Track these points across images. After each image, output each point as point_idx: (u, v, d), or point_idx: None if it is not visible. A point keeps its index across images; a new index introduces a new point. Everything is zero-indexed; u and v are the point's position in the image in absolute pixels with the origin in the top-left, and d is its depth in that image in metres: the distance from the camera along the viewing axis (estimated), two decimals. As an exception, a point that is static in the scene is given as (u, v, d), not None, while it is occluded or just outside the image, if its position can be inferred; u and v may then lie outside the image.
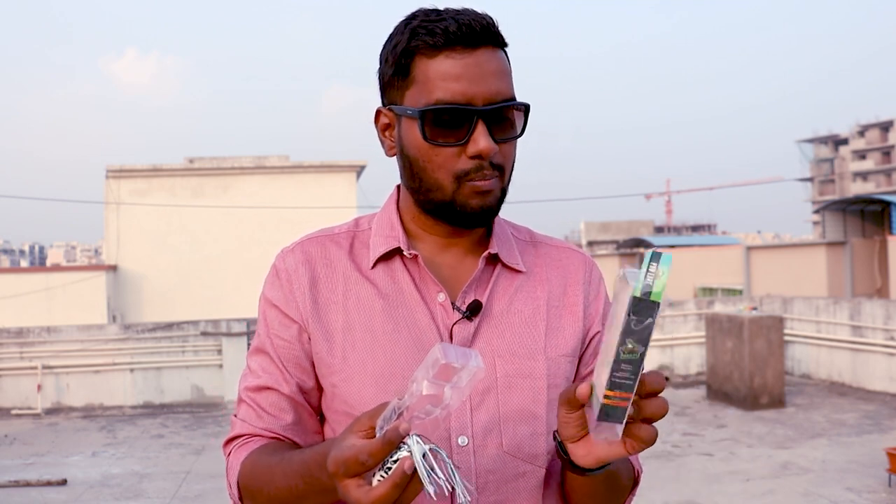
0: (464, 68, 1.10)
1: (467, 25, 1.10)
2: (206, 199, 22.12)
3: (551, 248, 1.30)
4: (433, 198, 1.15)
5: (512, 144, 1.16)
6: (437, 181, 1.13)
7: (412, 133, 1.14)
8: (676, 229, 78.74)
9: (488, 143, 1.10)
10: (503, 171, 1.15)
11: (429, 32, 1.10)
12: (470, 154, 1.11)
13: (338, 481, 0.90)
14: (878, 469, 7.04)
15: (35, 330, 11.85)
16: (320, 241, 1.25)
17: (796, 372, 12.44)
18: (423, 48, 1.11)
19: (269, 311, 1.22)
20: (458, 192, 1.13)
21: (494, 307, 1.20)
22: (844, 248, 19.66)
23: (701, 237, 46.19)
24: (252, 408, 1.21)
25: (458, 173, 1.12)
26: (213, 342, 11.93)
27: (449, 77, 1.10)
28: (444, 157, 1.12)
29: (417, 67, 1.12)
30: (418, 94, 1.12)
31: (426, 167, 1.14)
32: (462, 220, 1.16)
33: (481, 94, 1.10)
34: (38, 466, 8.24)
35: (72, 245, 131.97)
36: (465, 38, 1.10)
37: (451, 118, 1.10)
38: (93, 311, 19.12)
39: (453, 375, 0.86)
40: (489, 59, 1.11)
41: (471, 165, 1.11)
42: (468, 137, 1.10)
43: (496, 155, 1.12)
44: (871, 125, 75.75)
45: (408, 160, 1.16)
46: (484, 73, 1.10)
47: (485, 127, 1.10)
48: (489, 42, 1.12)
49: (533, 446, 1.17)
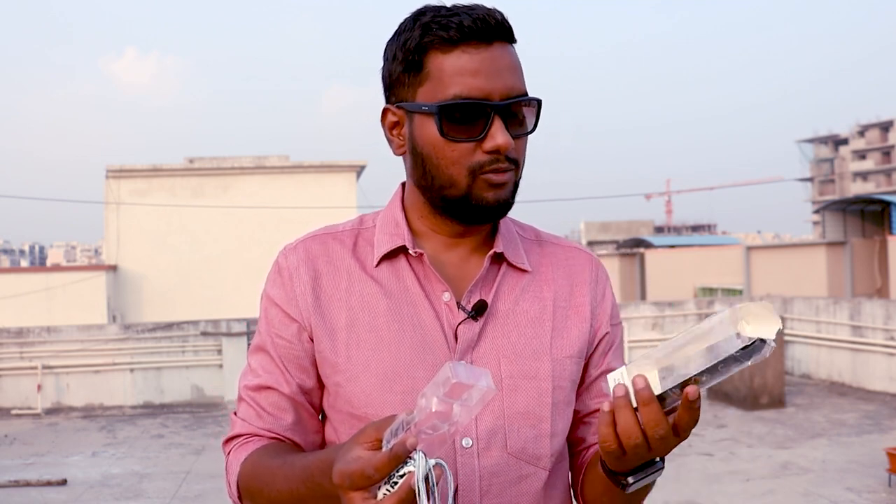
0: (480, 63, 1.09)
1: (482, 20, 1.09)
2: (206, 199, 22.11)
3: (557, 248, 1.29)
4: (447, 194, 1.14)
5: (525, 140, 1.15)
6: (451, 177, 1.13)
7: (426, 129, 1.12)
8: (676, 229, 78.71)
9: (506, 139, 1.09)
10: (518, 165, 1.15)
11: (443, 27, 1.09)
12: (487, 149, 1.10)
13: (342, 493, 0.90)
14: (878, 469, 7.04)
15: (35, 330, 11.84)
16: (323, 238, 1.23)
17: (796, 372, 12.44)
18: (438, 43, 1.10)
19: (270, 309, 1.21)
20: (474, 185, 1.12)
21: (500, 307, 1.18)
22: (844, 248, 19.65)
23: (701, 237, 46.17)
24: (252, 407, 1.20)
25: (474, 167, 1.11)
26: (213, 342, 11.93)
27: (466, 72, 1.09)
28: (460, 153, 1.11)
29: (431, 63, 1.11)
30: (433, 90, 1.11)
31: (440, 163, 1.13)
32: (477, 215, 1.15)
33: (497, 90, 1.09)
34: (38, 466, 8.23)
35: (72, 245, 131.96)
36: (480, 32, 1.09)
37: (467, 114, 1.10)
38: (93, 311, 19.11)
39: (463, 393, 0.86)
40: (503, 54, 1.11)
41: (486, 159, 1.11)
42: (485, 133, 1.10)
43: (511, 150, 1.12)
44: (871, 125, 75.72)
45: (420, 157, 1.15)
46: (499, 69, 1.10)
47: (501, 122, 1.10)
48: (502, 37, 1.12)
49: (537, 448, 1.16)
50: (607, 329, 1.25)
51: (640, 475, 1.01)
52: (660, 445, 0.94)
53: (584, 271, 1.26)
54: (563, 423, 1.19)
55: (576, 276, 1.26)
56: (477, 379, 0.86)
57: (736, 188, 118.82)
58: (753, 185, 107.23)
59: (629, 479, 1.02)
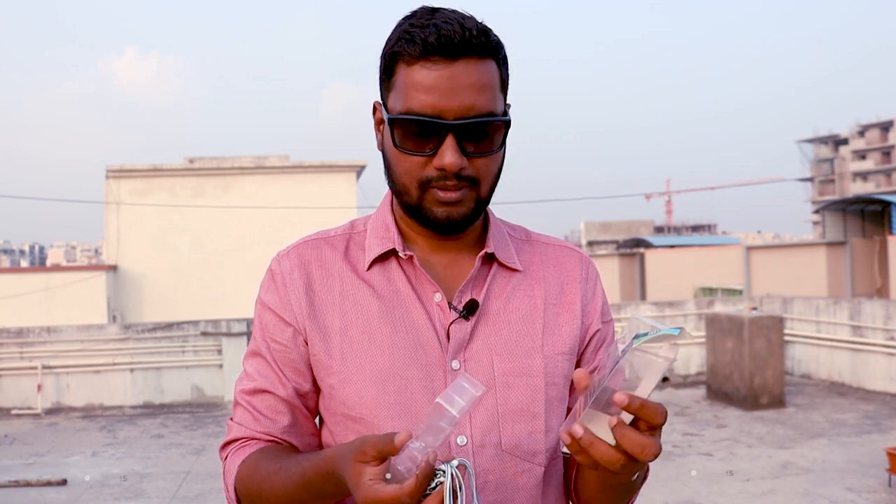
0: (437, 80, 1.07)
1: (447, 37, 1.07)
2: (206, 199, 22.10)
3: (548, 247, 1.30)
4: (404, 201, 1.17)
5: (490, 158, 1.13)
6: (404, 185, 1.14)
7: (388, 135, 1.14)
8: (676, 229, 78.73)
9: (453, 159, 1.08)
10: (478, 183, 1.14)
11: (409, 40, 1.09)
12: (435, 166, 1.11)
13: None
14: (878, 469, 7.04)
15: (35, 330, 11.85)
16: (316, 243, 1.25)
17: (796, 372, 12.44)
18: (405, 55, 1.10)
19: (264, 314, 1.23)
20: (423, 198, 1.14)
21: (491, 306, 1.20)
22: (844, 248, 19.66)
23: (701, 237, 46.18)
24: (248, 411, 1.22)
25: (423, 180, 1.12)
26: (213, 342, 11.93)
27: (420, 88, 1.08)
28: (411, 164, 1.12)
29: (398, 73, 1.12)
30: (395, 99, 1.12)
31: (395, 170, 1.15)
32: (430, 227, 1.17)
33: (452, 108, 1.08)
34: (38, 466, 8.24)
35: (72, 245, 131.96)
36: (443, 48, 1.07)
37: (420, 129, 1.10)
38: (93, 311, 19.11)
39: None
40: (468, 71, 1.08)
41: (435, 174, 1.12)
42: (436, 150, 1.10)
43: (466, 168, 1.11)
44: (871, 125, 75.72)
45: (385, 160, 1.18)
46: (458, 87, 1.08)
47: (454, 141, 1.09)
48: (471, 53, 1.08)
49: (532, 444, 1.17)
50: (598, 326, 1.26)
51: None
52: (642, 453, 0.93)
53: (574, 269, 1.28)
54: (557, 420, 1.20)
55: (566, 274, 1.27)
56: (468, 395, 0.93)
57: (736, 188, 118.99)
58: (753, 185, 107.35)
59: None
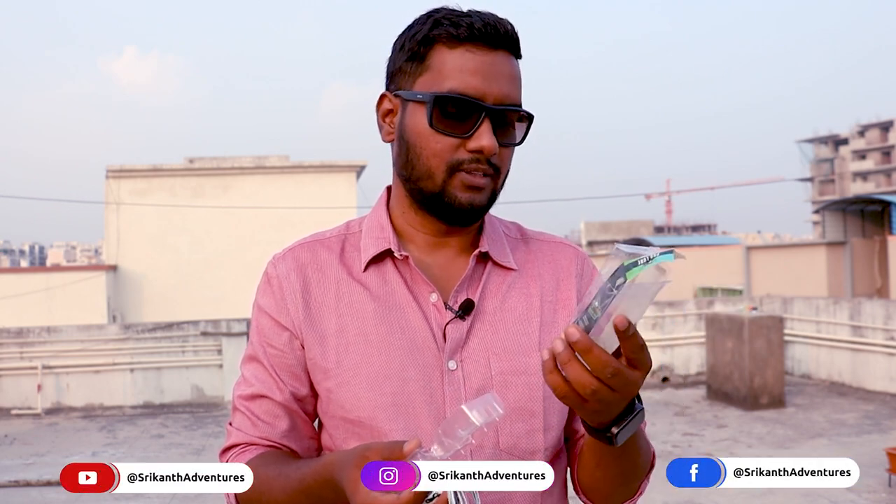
0: (481, 64, 1.12)
1: (492, 26, 1.13)
2: (206, 199, 22.10)
3: (542, 244, 1.30)
4: (423, 187, 1.16)
5: (511, 150, 1.17)
6: (429, 169, 1.14)
7: (416, 118, 1.14)
8: (676, 229, 78.69)
9: (491, 141, 1.11)
10: (499, 173, 1.16)
11: (453, 24, 1.13)
12: (471, 148, 1.12)
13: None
14: (878, 469, 7.03)
15: (35, 330, 11.85)
16: (311, 246, 1.25)
17: (796, 372, 12.44)
18: (445, 38, 1.13)
19: (261, 318, 1.23)
20: (449, 182, 1.14)
21: (487, 305, 1.20)
22: (844, 248, 19.66)
23: (701, 237, 46.21)
24: (247, 416, 1.22)
25: (453, 163, 1.13)
26: (213, 342, 11.93)
27: (466, 70, 1.12)
28: (444, 146, 1.13)
29: (435, 56, 1.14)
30: (430, 82, 1.13)
31: (422, 153, 1.14)
32: (449, 214, 1.16)
33: (493, 93, 1.12)
34: (38, 466, 8.24)
35: (72, 245, 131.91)
36: (488, 37, 1.13)
37: (459, 110, 1.12)
38: (93, 311, 19.10)
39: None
40: (505, 62, 1.14)
41: (467, 157, 1.13)
42: (473, 132, 1.12)
43: (495, 156, 1.13)
44: (871, 125, 75.70)
45: (406, 146, 1.16)
46: (498, 74, 1.13)
47: (490, 125, 1.12)
48: (508, 47, 1.15)
49: (530, 443, 1.17)
50: None
51: (623, 423, 1.00)
52: (620, 384, 0.92)
53: (569, 265, 1.27)
54: (557, 418, 1.20)
55: (562, 271, 1.26)
56: (494, 412, 0.94)
57: (736, 188, 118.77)
58: (753, 185, 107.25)
59: (613, 430, 1.00)
